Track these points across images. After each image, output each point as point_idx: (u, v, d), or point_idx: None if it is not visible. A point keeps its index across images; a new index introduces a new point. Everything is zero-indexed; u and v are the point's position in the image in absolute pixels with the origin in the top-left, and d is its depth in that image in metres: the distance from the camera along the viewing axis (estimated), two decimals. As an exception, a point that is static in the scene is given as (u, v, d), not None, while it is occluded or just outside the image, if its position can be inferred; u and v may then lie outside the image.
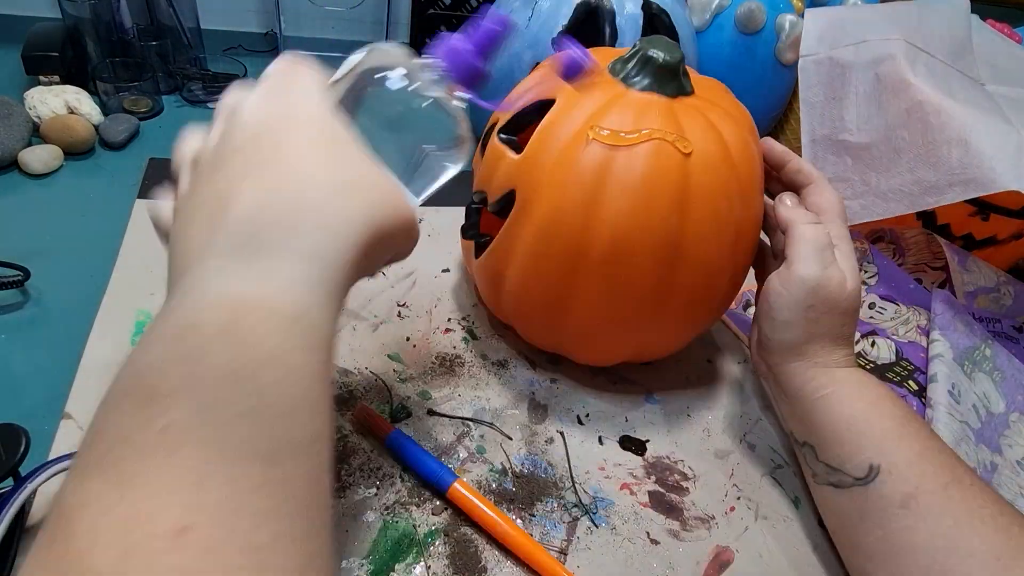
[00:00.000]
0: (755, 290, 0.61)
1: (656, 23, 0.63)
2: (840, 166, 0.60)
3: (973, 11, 0.67)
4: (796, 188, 0.44)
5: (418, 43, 0.81)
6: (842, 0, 0.75)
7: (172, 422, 0.18)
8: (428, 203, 0.35)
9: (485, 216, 0.47)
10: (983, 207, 0.59)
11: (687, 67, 0.44)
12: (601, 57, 0.44)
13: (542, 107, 0.42)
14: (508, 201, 0.42)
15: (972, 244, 0.62)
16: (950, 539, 0.34)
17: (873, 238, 0.64)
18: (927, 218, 0.63)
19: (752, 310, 0.60)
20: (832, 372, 0.41)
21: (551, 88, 0.43)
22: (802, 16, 0.68)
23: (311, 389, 0.21)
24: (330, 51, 0.83)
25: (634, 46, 0.42)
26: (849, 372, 0.41)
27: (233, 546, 0.17)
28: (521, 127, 0.44)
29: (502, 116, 0.45)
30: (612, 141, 0.39)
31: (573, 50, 0.39)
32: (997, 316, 0.59)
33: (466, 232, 0.49)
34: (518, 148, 0.42)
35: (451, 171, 0.34)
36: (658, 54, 0.41)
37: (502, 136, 0.44)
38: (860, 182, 0.59)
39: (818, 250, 0.40)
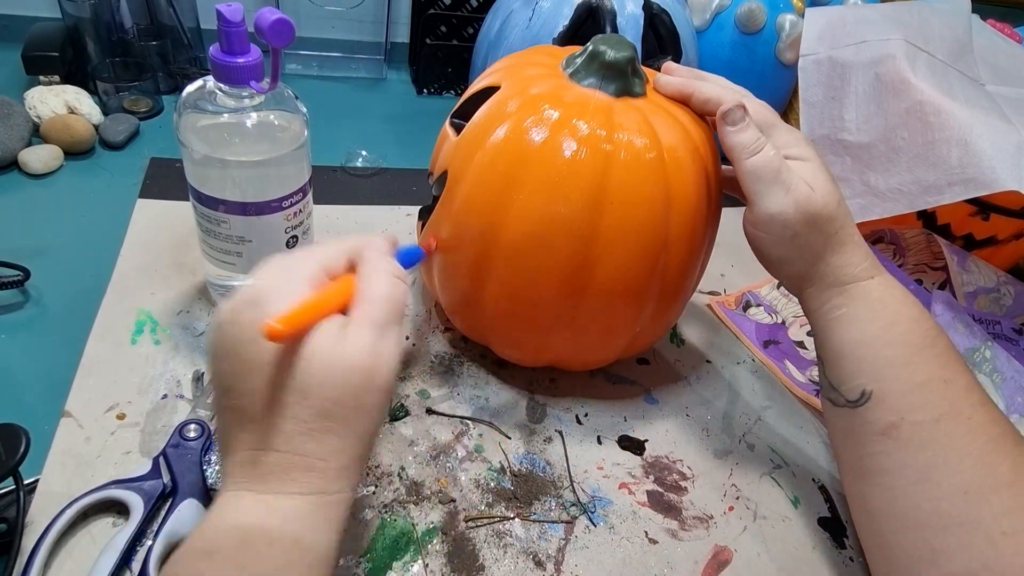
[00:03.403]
0: (754, 290, 0.61)
1: (657, 23, 0.63)
2: (840, 166, 0.60)
3: (974, 11, 0.66)
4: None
5: (418, 43, 0.81)
6: (842, 0, 0.75)
7: None
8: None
9: None
10: (983, 207, 0.59)
11: (657, 72, 0.44)
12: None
13: (490, 94, 0.42)
14: (443, 183, 0.43)
15: (972, 244, 0.62)
16: (921, 470, 0.35)
17: (873, 239, 0.64)
18: (927, 218, 0.63)
19: (752, 310, 0.60)
20: (848, 290, 0.39)
21: (501, 76, 0.43)
22: (802, 16, 0.68)
23: None
24: (330, 51, 0.83)
25: (588, 42, 0.42)
26: (868, 287, 0.39)
27: None
28: (473, 112, 0.44)
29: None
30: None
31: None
32: (996, 318, 0.59)
33: (421, 213, 0.50)
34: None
35: None
36: (605, 51, 0.41)
37: (453, 120, 0.45)
38: (859, 182, 0.59)
39: (771, 179, 0.38)
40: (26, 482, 0.36)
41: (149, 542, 0.36)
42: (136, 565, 0.35)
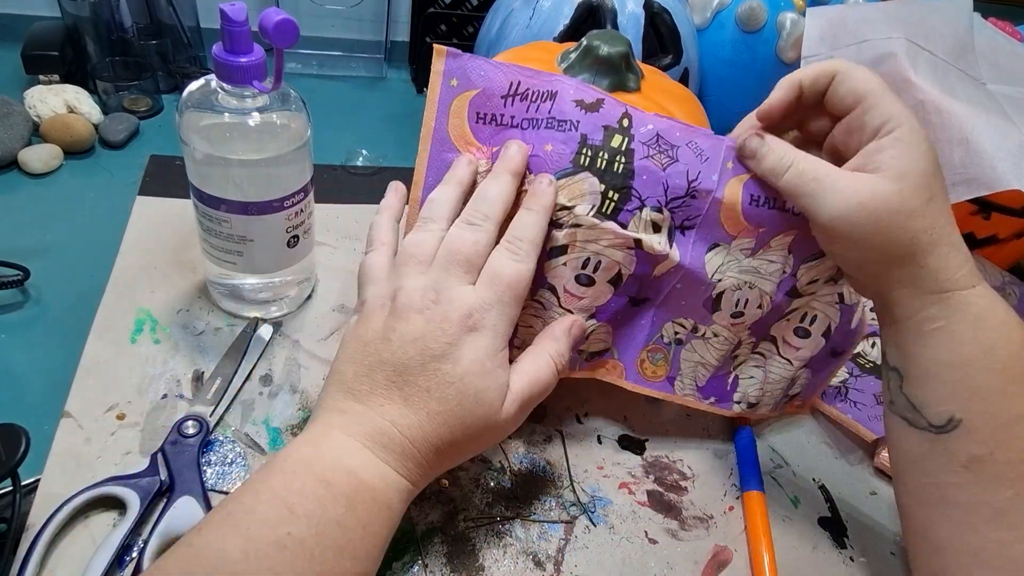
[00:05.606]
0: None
1: (657, 22, 0.63)
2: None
3: (975, 9, 0.66)
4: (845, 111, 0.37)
5: (418, 42, 0.81)
6: (843, -2, 0.75)
7: (293, 531, 0.29)
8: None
9: None
10: (984, 206, 0.59)
11: (654, 69, 0.44)
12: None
13: None
14: None
15: (973, 243, 0.62)
16: (999, 509, 0.32)
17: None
18: (928, 217, 0.63)
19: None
20: (946, 300, 0.34)
21: None
22: (803, 14, 0.68)
23: (372, 545, 0.31)
24: (330, 49, 0.83)
25: (583, 37, 0.42)
26: (967, 298, 0.34)
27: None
28: None
29: None
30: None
31: None
32: None
33: None
34: None
35: None
36: (599, 46, 0.41)
37: None
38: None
39: (812, 191, 0.35)
40: (27, 482, 0.36)
41: (144, 540, 0.36)
42: (131, 563, 0.35)
